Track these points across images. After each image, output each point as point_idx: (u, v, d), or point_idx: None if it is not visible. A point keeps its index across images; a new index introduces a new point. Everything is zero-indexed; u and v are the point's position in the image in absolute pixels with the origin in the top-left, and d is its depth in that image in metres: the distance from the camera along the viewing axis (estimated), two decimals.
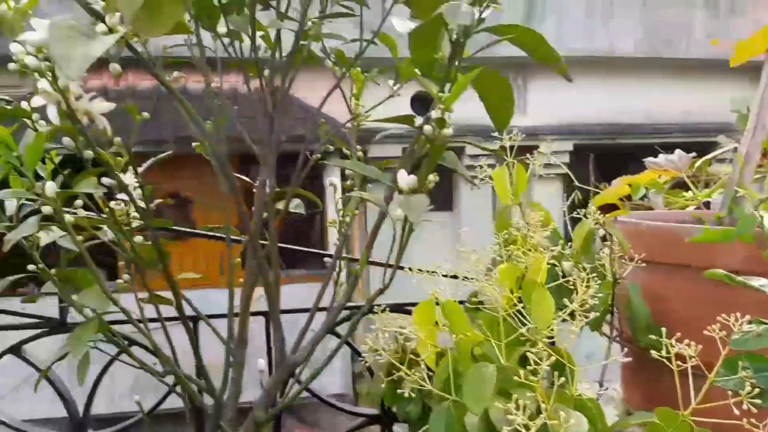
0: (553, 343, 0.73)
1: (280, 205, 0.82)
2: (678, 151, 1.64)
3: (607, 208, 1.56)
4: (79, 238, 0.68)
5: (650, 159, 1.64)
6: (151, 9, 0.56)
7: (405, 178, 0.61)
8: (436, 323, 0.87)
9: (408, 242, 0.65)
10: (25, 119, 0.73)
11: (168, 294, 0.77)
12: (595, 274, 0.87)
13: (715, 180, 1.77)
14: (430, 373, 0.82)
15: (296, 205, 0.85)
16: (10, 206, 0.78)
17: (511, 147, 1.01)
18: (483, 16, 0.68)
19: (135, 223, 0.81)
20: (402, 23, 0.58)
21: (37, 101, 0.49)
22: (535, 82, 6.55)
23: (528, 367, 0.75)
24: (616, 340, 1.06)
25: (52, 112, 0.48)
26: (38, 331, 1.02)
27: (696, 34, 6.79)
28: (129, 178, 0.77)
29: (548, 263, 0.91)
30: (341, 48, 0.88)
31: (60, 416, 1.03)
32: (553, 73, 0.72)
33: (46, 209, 0.61)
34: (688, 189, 1.53)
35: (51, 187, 0.60)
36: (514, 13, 6.04)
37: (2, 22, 0.49)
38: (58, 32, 0.41)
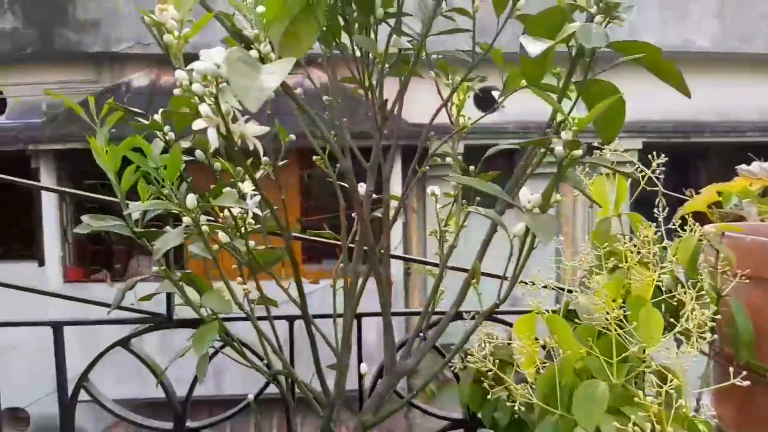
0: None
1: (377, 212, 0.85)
2: None
3: (695, 215, 1.53)
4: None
5: (743, 167, 1.59)
6: (293, 36, 0.60)
7: (529, 197, 0.62)
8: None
9: (527, 258, 0.66)
10: (156, 131, 0.79)
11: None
12: (702, 292, 0.86)
13: None
14: (531, 384, 0.83)
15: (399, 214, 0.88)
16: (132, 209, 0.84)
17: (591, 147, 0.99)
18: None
19: (249, 228, 0.85)
20: (534, 44, 0.59)
21: (199, 124, 0.53)
22: (602, 76, 6.38)
23: (639, 386, 0.75)
24: (713, 358, 1.04)
25: (212, 135, 0.52)
26: (146, 325, 1.08)
27: None
28: (247, 187, 0.81)
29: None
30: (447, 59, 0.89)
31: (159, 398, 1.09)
32: (621, 66, 0.70)
33: (186, 220, 0.66)
34: None
35: (191, 200, 0.65)
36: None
37: (169, 48, 0.53)
38: (235, 67, 0.45)
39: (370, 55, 0.73)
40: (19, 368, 4.91)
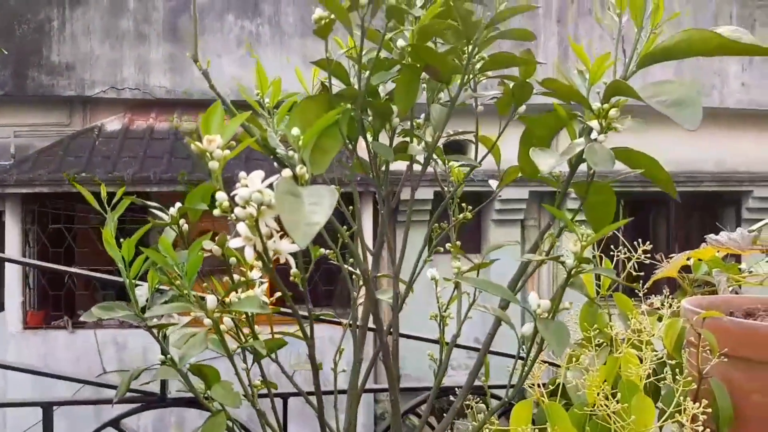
0: None
1: None
2: (740, 230, 1.67)
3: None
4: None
5: (711, 236, 1.67)
6: (320, 150, 0.64)
7: (539, 302, 0.66)
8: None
9: (537, 358, 0.69)
10: (172, 227, 0.81)
11: None
12: (687, 375, 0.90)
13: None
14: None
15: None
16: (139, 292, 0.86)
17: None
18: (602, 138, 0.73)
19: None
20: (545, 161, 0.64)
21: (236, 243, 0.55)
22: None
23: None
24: None
25: (249, 253, 0.55)
26: (139, 405, 1.07)
27: (731, 84, 6.82)
28: (255, 274, 0.84)
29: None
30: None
31: None
32: None
33: (207, 322, 0.68)
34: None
35: (212, 302, 0.67)
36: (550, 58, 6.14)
37: (212, 172, 0.55)
38: (284, 202, 0.48)
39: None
40: None
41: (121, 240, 0.82)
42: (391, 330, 0.83)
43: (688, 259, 1.60)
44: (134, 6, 5.80)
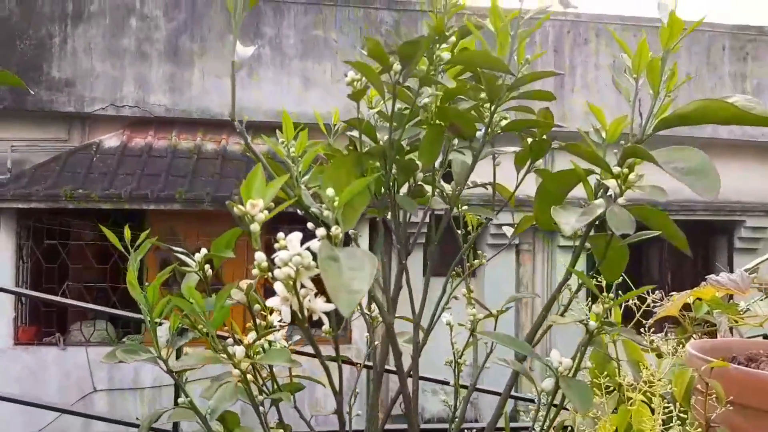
0: None
1: None
2: (739, 271, 1.70)
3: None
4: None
5: (712, 277, 1.70)
6: (350, 207, 0.66)
7: (560, 359, 0.68)
8: None
9: (557, 416, 0.71)
10: (198, 273, 0.83)
11: None
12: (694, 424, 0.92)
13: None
14: None
15: None
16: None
17: None
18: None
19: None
20: (568, 224, 0.66)
21: (274, 302, 0.57)
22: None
23: None
24: None
25: (287, 312, 0.56)
26: None
27: None
28: (275, 319, 0.85)
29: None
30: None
31: None
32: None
33: (236, 372, 0.69)
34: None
35: (240, 352, 0.68)
36: None
37: (252, 234, 0.57)
38: (327, 268, 0.50)
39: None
40: None
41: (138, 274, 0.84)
42: (411, 373, 0.85)
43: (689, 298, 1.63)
44: (136, 25, 5.85)
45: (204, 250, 0.81)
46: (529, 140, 0.84)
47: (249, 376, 0.72)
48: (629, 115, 0.78)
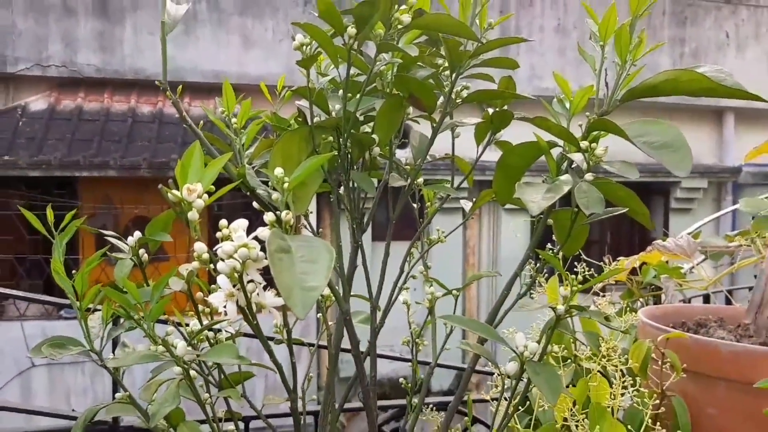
0: None
1: None
2: (685, 236, 1.74)
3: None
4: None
5: (658, 242, 1.73)
6: (302, 186, 0.60)
7: (525, 344, 0.65)
8: None
9: (520, 403, 0.69)
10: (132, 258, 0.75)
11: None
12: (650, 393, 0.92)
13: (710, 251, 1.88)
14: None
15: None
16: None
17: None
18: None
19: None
20: (535, 204, 0.63)
21: (217, 298, 0.51)
22: None
23: None
24: None
25: (232, 309, 0.51)
26: None
27: None
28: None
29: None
30: None
31: None
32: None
33: (177, 370, 0.63)
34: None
35: (182, 349, 0.62)
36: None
37: (190, 225, 0.51)
38: (278, 262, 0.44)
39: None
40: None
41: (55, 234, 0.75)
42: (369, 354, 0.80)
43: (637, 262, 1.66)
44: None
45: (138, 233, 0.73)
46: (490, 110, 0.80)
47: (192, 372, 0.66)
48: (594, 84, 0.74)
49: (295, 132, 0.61)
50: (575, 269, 1.15)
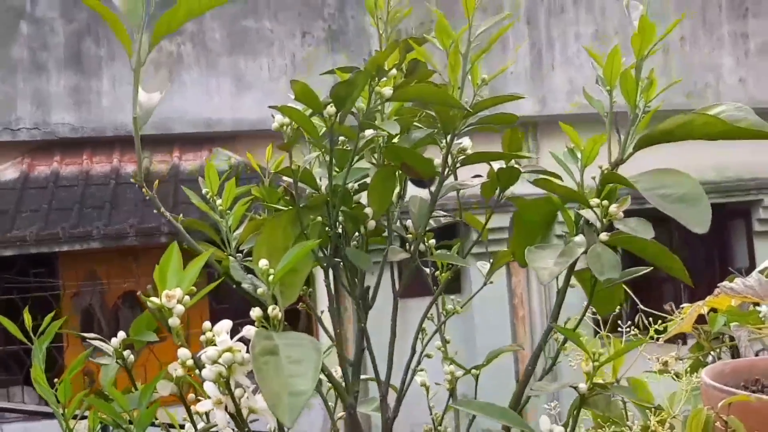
0: None
1: None
2: (756, 274, 1.75)
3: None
4: None
5: (725, 284, 1.75)
6: (292, 272, 0.66)
7: (550, 427, 0.69)
8: None
9: None
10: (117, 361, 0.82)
11: None
12: None
13: None
14: None
15: None
16: None
17: None
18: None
19: None
20: (545, 271, 0.68)
21: (205, 406, 0.57)
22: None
23: None
24: None
25: (221, 417, 0.57)
26: None
27: (727, 80, 7.09)
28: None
29: None
30: None
31: None
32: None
33: None
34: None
35: None
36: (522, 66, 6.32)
37: (173, 329, 0.57)
38: (263, 368, 0.50)
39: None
40: None
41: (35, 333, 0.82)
42: None
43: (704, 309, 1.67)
44: (28, 31, 5.75)
45: (122, 334, 0.80)
46: (496, 167, 0.86)
47: None
48: (606, 133, 0.80)
49: (279, 217, 0.68)
50: (620, 328, 1.19)
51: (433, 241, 1.00)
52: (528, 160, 0.85)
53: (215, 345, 0.56)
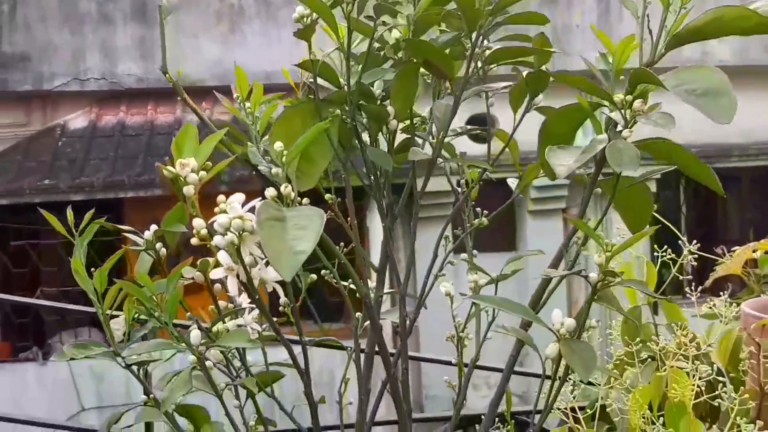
0: None
1: None
2: None
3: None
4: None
5: None
6: (307, 161, 0.68)
7: (562, 320, 0.69)
8: None
9: (562, 386, 0.73)
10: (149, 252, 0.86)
11: None
12: (744, 392, 0.93)
13: None
14: None
15: None
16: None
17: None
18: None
19: None
20: (561, 166, 0.67)
21: (217, 274, 0.59)
22: None
23: None
24: None
25: (233, 284, 0.59)
26: None
27: None
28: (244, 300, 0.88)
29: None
30: None
31: None
32: None
33: (191, 359, 0.72)
34: None
35: (196, 337, 0.71)
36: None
37: (187, 198, 0.59)
38: (267, 229, 0.52)
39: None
40: None
41: (92, 270, 0.87)
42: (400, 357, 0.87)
43: (754, 251, 1.62)
44: None
45: (154, 227, 0.83)
46: (525, 73, 0.85)
47: (211, 362, 0.75)
48: (637, 34, 0.78)
49: (298, 107, 0.69)
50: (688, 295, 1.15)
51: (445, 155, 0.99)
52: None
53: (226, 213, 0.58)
